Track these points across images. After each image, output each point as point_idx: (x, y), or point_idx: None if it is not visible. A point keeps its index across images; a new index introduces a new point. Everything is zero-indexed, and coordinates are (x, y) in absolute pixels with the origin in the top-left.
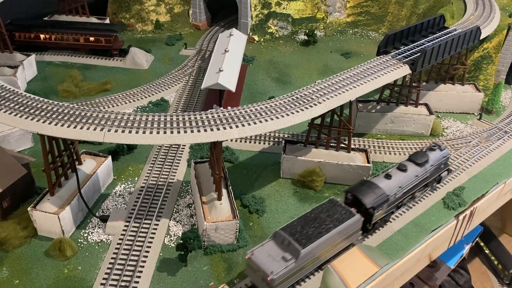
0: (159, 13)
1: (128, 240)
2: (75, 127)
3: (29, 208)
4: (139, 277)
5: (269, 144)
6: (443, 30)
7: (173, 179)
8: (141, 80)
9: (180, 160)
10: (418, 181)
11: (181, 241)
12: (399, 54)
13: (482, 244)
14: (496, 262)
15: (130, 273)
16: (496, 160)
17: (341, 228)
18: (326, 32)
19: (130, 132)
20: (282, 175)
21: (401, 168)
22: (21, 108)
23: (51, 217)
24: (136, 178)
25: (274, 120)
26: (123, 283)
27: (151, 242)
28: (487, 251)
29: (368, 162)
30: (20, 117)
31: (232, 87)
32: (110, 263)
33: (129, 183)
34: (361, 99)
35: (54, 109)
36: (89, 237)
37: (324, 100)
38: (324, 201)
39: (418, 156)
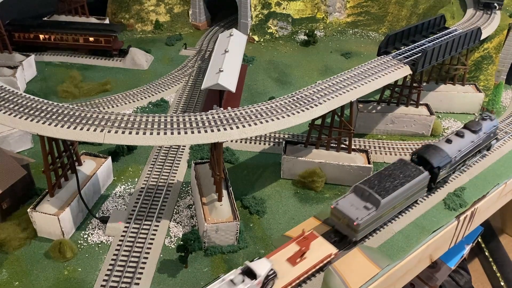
0: (159, 13)
1: (128, 241)
2: (75, 128)
3: (28, 210)
4: (139, 278)
5: (269, 144)
6: (444, 31)
7: (173, 180)
8: (140, 80)
9: (180, 160)
10: (473, 146)
11: (181, 243)
12: (400, 55)
13: (490, 260)
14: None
15: (131, 275)
16: (497, 160)
17: (413, 183)
18: (326, 32)
19: (130, 133)
20: (282, 176)
21: (459, 134)
22: (21, 109)
23: (51, 218)
24: (136, 179)
25: (275, 121)
26: (123, 285)
27: (151, 244)
28: (495, 271)
29: (369, 163)
30: (20, 118)
31: (232, 88)
32: (110, 264)
33: (129, 184)
34: (362, 100)
35: (54, 110)
36: (89, 238)
37: (325, 101)
38: (395, 161)
39: (473, 124)
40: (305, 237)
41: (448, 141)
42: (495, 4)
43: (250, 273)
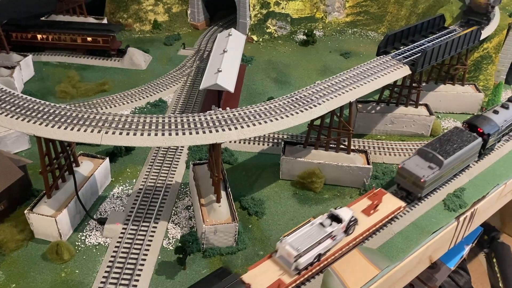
0: (157, 13)
1: (126, 243)
2: (72, 129)
3: (26, 211)
4: (137, 280)
5: (268, 145)
6: (443, 30)
7: (172, 181)
8: (139, 80)
9: (178, 161)
10: None
11: (179, 244)
12: (399, 55)
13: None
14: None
15: (128, 277)
16: (497, 161)
17: (469, 147)
18: (325, 32)
19: (127, 134)
20: (281, 177)
21: (504, 106)
22: (18, 109)
23: (48, 220)
24: (134, 180)
25: (274, 121)
26: (121, 287)
27: (149, 245)
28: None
29: (368, 163)
30: (17, 119)
31: (231, 88)
32: (108, 266)
33: (127, 185)
34: (361, 100)
35: (51, 111)
36: (86, 240)
37: (324, 101)
38: (451, 128)
39: None
40: (375, 193)
41: (495, 112)
42: (482, 23)
43: (335, 219)
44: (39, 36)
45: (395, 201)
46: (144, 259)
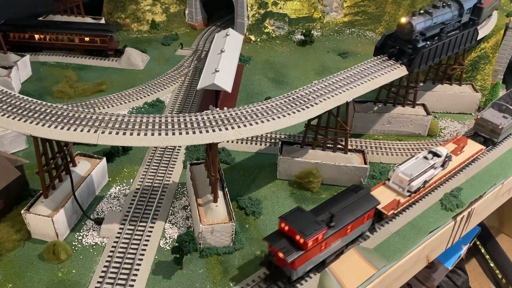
0: (155, 13)
1: (123, 243)
2: (68, 129)
3: (22, 211)
4: (134, 280)
5: (265, 145)
6: None
7: (169, 180)
8: (136, 80)
9: (175, 161)
10: None
11: (176, 244)
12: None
13: (486, 255)
14: (500, 276)
15: (125, 276)
16: (494, 161)
17: None
18: (323, 32)
19: (124, 134)
20: (278, 177)
21: None
22: (15, 109)
23: (45, 220)
24: (131, 180)
25: (271, 121)
26: (117, 287)
27: (146, 245)
28: (491, 264)
29: (365, 163)
30: (13, 119)
31: (228, 88)
32: (104, 266)
33: (124, 185)
34: (358, 100)
35: (48, 111)
36: (83, 240)
37: (321, 101)
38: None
39: None
40: (458, 139)
41: None
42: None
43: (435, 154)
44: (36, 36)
45: (476, 145)
46: (141, 259)
